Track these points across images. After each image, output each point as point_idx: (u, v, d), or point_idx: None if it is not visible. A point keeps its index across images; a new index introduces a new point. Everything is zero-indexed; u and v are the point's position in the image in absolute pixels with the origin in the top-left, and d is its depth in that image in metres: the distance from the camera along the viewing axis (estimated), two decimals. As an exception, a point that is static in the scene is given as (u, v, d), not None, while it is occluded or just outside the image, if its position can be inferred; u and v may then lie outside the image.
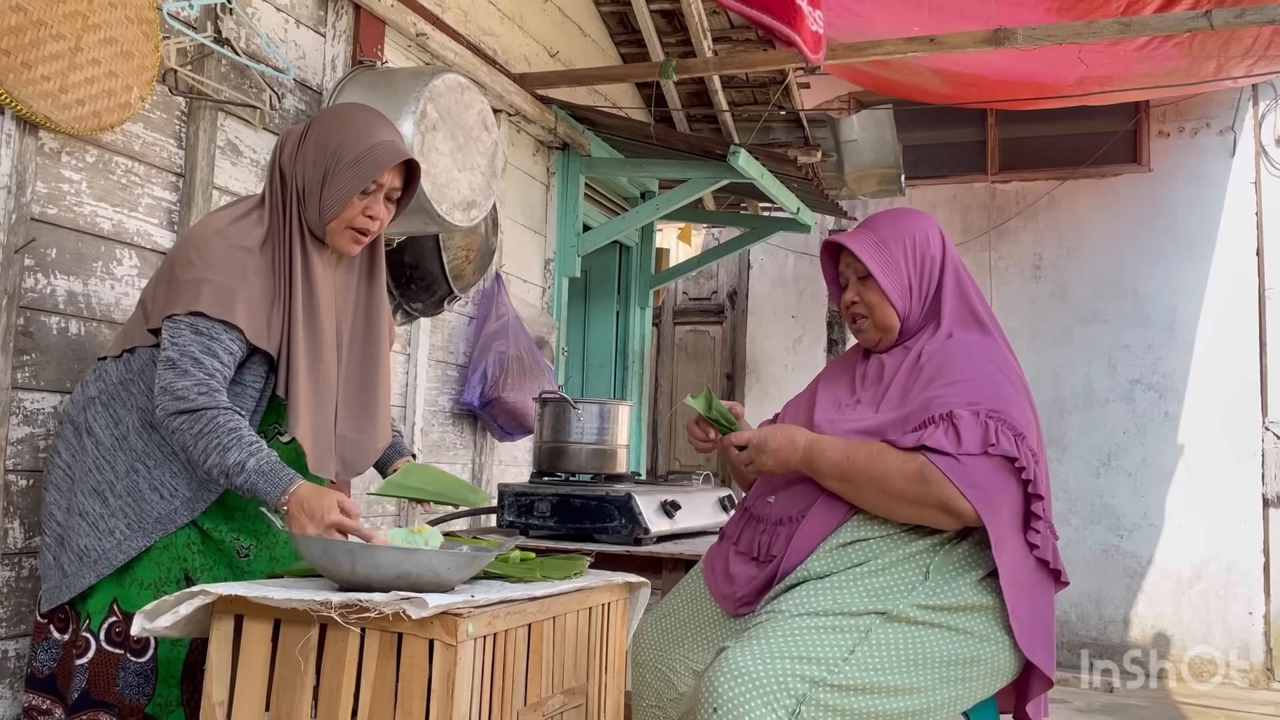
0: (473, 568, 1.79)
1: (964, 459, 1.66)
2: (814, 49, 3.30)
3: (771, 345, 7.36)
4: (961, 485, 1.65)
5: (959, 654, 1.71)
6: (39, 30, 2.12)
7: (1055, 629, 1.81)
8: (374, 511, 3.45)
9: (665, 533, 2.81)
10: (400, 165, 2.04)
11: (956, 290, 1.89)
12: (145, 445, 1.96)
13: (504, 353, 3.80)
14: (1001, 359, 1.82)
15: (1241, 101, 6.48)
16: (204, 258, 1.92)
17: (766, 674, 1.61)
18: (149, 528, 1.94)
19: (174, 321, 1.90)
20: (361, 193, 1.99)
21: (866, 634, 1.68)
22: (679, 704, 1.93)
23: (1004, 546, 1.70)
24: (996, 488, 1.67)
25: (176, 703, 1.96)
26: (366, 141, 1.99)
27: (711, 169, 4.32)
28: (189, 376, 1.86)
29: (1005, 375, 1.79)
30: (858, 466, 1.75)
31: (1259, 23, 3.58)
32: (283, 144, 2.05)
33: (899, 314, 1.89)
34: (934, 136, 7.04)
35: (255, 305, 1.93)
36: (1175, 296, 6.47)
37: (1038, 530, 1.73)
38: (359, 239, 2.04)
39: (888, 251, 1.89)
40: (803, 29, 3.20)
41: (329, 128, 2.02)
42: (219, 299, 1.89)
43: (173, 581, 1.96)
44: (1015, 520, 1.73)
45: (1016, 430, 1.69)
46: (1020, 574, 1.74)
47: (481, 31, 4.01)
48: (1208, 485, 6.29)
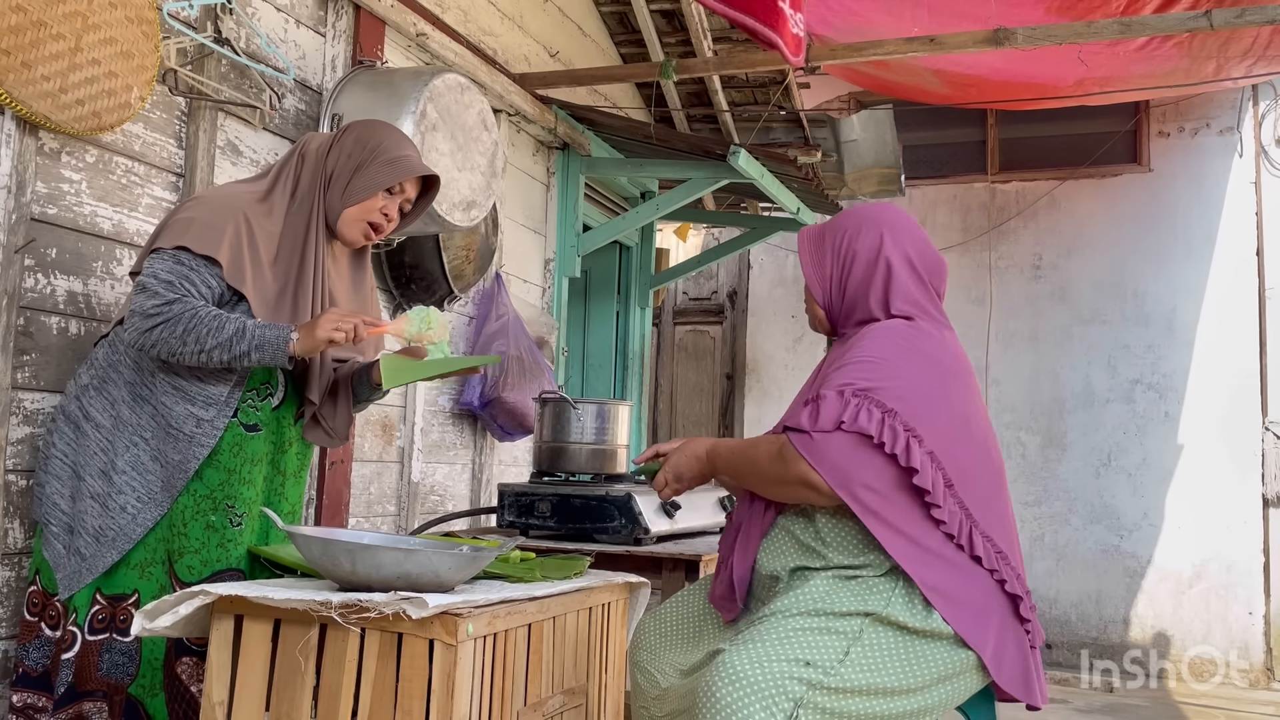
0: (473, 568, 1.79)
1: (817, 435, 1.70)
2: (794, 51, 3.34)
3: (771, 345, 7.35)
4: (813, 460, 1.70)
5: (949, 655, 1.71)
6: (39, 30, 2.12)
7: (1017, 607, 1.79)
8: (374, 512, 3.45)
9: (665, 533, 2.81)
10: (419, 181, 2.23)
11: (884, 282, 1.91)
12: (138, 419, 2.01)
13: (504, 353, 3.80)
14: (909, 339, 1.84)
15: (1242, 102, 6.47)
16: (198, 203, 2.05)
17: (764, 678, 1.62)
18: (158, 497, 1.99)
19: (157, 254, 1.98)
20: (387, 190, 2.16)
21: (858, 635, 1.69)
22: (661, 701, 1.95)
23: (881, 521, 1.71)
24: (851, 463, 1.70)
25: (159, 687, 1.98)
26: (404, 150, 2.19)
27: (711, 169, 4.32)
28: (158, 296, 1.93)
29: (904, 355, 1.81)
30: (740, 458, 1.88)
31: (1259, 23, 3.58)
32: (311, 138, 2.21)
33: (819, 303, 1.99)
34: (934, 136, 7.04)
35: (239, 249, 2.00)
36: (1175, 296, 6.47)
37: (937, 504, 1.72)
38: (369, 234, 2.19)
39: (821, 246, 1.99)
40: (784, 31, 3.24)
41: (372, 130, 2.21)
42: (204, 235, 1.97)
43: (157, 562, 2.00)
44: (906, 499, 1.73)
45: (885, 407, 1.71)
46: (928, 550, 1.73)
47: (481, 31, 4.01)
48: (1208, 485, 6.28)
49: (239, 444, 2.05)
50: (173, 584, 1.99)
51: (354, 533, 2.11)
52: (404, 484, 3.59)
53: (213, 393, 2.01)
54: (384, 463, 3.51)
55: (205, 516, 2.01)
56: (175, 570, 2.00)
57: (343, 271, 2.23)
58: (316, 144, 2.19)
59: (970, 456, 1.81)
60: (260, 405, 2.09)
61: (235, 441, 2.05)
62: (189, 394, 2.00)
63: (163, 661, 1.99)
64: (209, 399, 2.01)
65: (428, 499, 3.73)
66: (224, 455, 2.03)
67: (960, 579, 1.74)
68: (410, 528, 3.52)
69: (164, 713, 1.98)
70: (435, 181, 2.27)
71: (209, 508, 2.02)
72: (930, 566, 1.73)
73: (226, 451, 2.03)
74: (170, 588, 1.99)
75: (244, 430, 2.06)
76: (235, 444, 2.05)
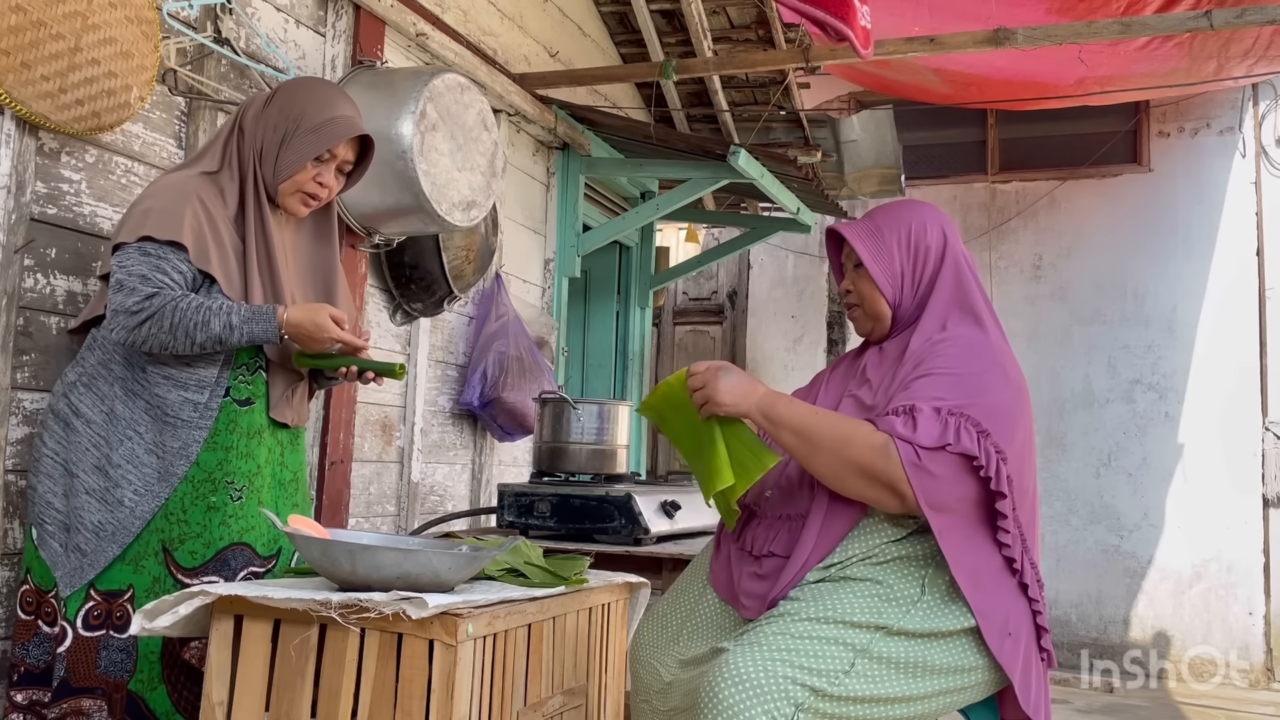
0: (473, 568, 1.79)
1: (922, 452, 1.66)
2: (864, 44, 3.35)
3: (771, 345, 7.35)
4: (911, 474, 1.65)
5: (957, 663, 1.71)
6: (38, 30, 2.12)
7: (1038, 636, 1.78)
8: (374, 512, 3.45)
9: (665, 533, 2.81)
10: (354, 141, 2.17)
11: (954, 282, 1.87)
12: (132, 413, 2.01)
13: (504, 353, 3.80)
14: (989, 353, 1.80)
15: (1242, 102, 6.48)
16: (149, 193, 2.06)
17: (767, 680, 1.61)
18: (155, 488, 1.99)
19: (123, 250, 1.99)
20: (316, 160, 2.11)
21: (867, 647, 1.67)
22: (665, 695, 1.93)
23: (955, 540, 1.69)
24: (946, 484, 1.67)
25: (158, 679, 1.98)
26: (328, 113, 2.12)
27: (711, 169, 4.32)
28: (137, 292, 1.95)
29: (988, 370, 1.77)
30: (824, 424, 1.74)
31: (1259, 23, 3.58)
32: (247, 106, 2.17)
33: (889, 302, 1.89)
34: (934, 136, 7.04)
35: (201, 232, 2.02)
36: (1175, 296, 6.47)
37: (1006, 530, 1.71)
38: (308, 202, 2.17)
39: (881, 240, 1.89)
40: (854, 24, 3.24)
41: (293, 95, 2.15)
42: (164, 222, 1.98)
43: (150, 554, 2.00)
44: (975, 517, 1.71)
45: (980, 427, 1.68)
46: (985, 573, 1.72)
47: (481, 31, 4.01)
48: (1208, 485, 6.29)
49: (233, 420, 2.06)
50: (171, 573, 1.99)
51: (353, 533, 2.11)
52: (404, 484, 3.59)
53: (204, 376, 2.03)
54: (384, 463, 3.51)
55: (205, 499, 2.01)
56: (175, 558, 1.99)
57: (303, 240, 2.22)
58: (251, 113, 2.16)
59: (1030, 478, 1.79)
60: (251, 379, 2.10)
61: (230, 419, 2.06)
62: (181, 381, 2.01)
63: (159, 655, 1.99)
64: (201, 382, 2.02)
65: (427, 499, 3.73)
66: (220, 434, 2.04)
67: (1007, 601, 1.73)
68: (410, 528, 3.52)
69: (165, 705, 1.98)
70: (369, 140, 2.21)
71: (208, 490, 2.02)
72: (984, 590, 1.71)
73: (222, 430, 2.04)
74: (166, 578, 1.99)
75: (237, 406, 2.07)
76: (230, 421, 2.05)
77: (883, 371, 1.87)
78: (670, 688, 1.92)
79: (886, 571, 1.74)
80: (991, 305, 1.91)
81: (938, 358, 1.77)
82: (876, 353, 1.93)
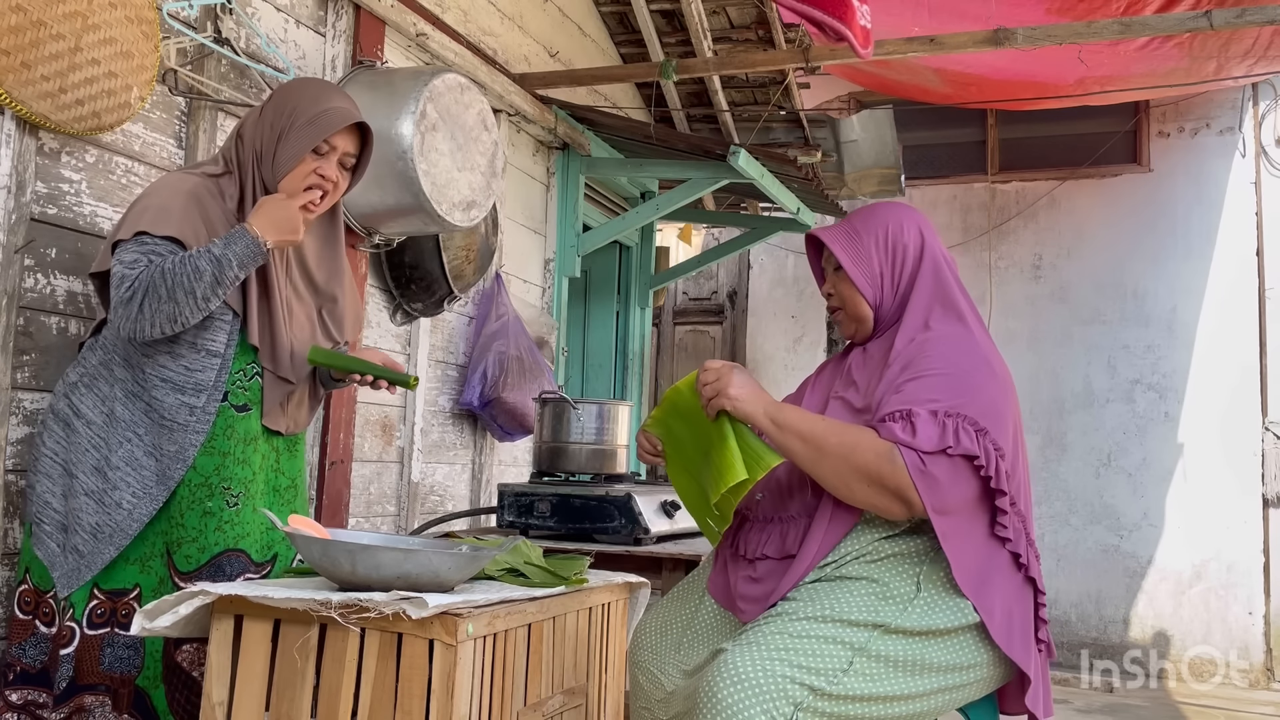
0: (473, 568, 1.79)
1: (926, 457, 1.67)
2: (863, 44, 3.33)
3: (771, 345, 7.35)
4: (918, 479, 1.66)
5: (957, 661, 1.71)
6: (38, 30, 2.12)
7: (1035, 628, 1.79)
8: (374, 512, 3.45)
9: (665, 533, 2.81)
10: (354, 134, 2.12)
11: (934, 279, 1.88)
12: (132, 415, 2.01)
13: (504, 353, 3.80)
14: (975, 350, 1.81)
15: (1242, 102, 6.48)
16: (148, 192, 2.05)
17: (766, 680, 1.61)
18: (153, 491, 1.99)
19: (121, 247, 1.98)
20: (314, 153, 2.06)
21: (865, 646, 1.68)
22: (667, 704, 1.93)
23: (957, 541, 1.70)
24: (949, 487, 1.68)
25: (160, 679, 1.99)
26: (322, 105, 2.08)
27: (711, 169, 4.32)
28: (126, 279, 1.93)
29: (977, 367, 1.78)
30: (832, 430, 1.75)
31: (1259, 23, 3.58)
32: (246, 116, 2.16)
33: (870, 303, 1.90)
34: (934, 136, 7.04)
35: (197, 227, 2.00)
36: (1175, 296, 6.47)
37: (1004, 525, 1.72)
38: (314, 202, 2.09)
39: (859, 242, 1.91)
40: (853, 24, 3.23)
41: (287, 94, 2.13)
42: (160, 218, 1.98)
43: (156, 555, 2.00)
44: (976, 516, 1.72)
45: (978, 425, 1.69)
46: (988, 571, 1.73)
47: (481, 31, 4.01)
48: (1208, 485, 6.29)
49: (230, 425, 2.05)
50: (171, 576, 1.99)
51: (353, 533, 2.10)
52: (404, 484, 3.59)
53: (201, 379, 2.02)
54: (384, 463, 3.51)
55: (202, 504, 2.01)
56: (174, 562, 2.00)
57: (309, 242, 2.19)
58: (250, 120, 2.14)
59: (1023, 469, 1.80)
60: (249, 385, 2.08)
61: (227, 424, 2.05)
62: (178, 384, 2.00)
63: (161, 653, 1.99)
64: (198, 385, 2.01)
65: (428, 499, 3.73)
66: (217, 439, 2.03)
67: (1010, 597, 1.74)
68: (410, 528, 3.52)
69: (165, 704, 1.98)
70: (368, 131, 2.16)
71: (205, 495, 2.02)
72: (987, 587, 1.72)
73: (219, 436, 2.04)
74: (169, 580, 1.99)
75: (234, 411, 2.06)
76: (227, 426, 2.05)
77: (868, 373, 1.88)
78: (673, 696, 1.93)
79: (882, 569, 1.75)
80: (972, 301, 1.92)
81: (926, 358, 1.77)
82: (861, 354, 1.94)
